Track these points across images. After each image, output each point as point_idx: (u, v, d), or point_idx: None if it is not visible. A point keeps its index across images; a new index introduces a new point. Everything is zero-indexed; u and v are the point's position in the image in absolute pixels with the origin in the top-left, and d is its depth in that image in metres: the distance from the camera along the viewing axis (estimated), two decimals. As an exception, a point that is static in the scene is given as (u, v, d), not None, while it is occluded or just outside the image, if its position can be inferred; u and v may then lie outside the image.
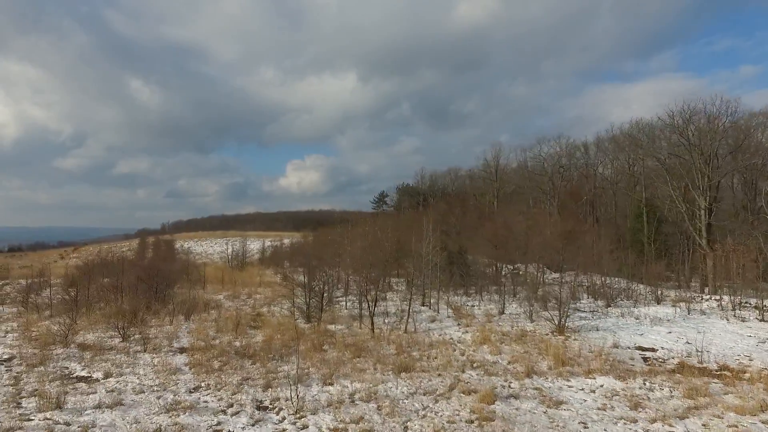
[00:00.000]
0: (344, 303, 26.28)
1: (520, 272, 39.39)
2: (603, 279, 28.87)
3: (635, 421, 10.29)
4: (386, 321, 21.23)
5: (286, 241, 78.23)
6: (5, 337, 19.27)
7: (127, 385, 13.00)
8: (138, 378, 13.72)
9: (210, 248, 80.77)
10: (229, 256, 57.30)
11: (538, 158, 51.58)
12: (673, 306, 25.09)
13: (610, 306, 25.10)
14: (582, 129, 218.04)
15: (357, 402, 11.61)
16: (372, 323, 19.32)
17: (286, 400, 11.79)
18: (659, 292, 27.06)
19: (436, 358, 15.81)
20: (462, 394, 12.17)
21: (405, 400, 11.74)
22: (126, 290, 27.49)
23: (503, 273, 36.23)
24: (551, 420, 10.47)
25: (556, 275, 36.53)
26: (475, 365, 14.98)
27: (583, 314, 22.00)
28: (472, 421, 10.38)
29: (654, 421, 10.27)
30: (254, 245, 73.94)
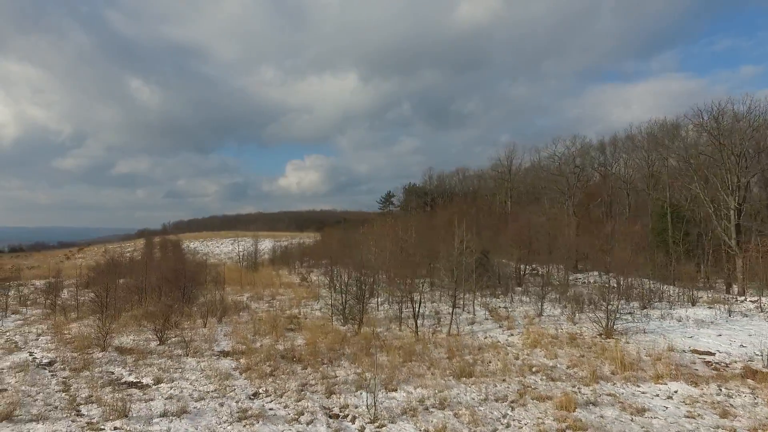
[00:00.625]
0: (375, 305, 25.79)
1: (539, 272, 39.06)
2: (632, 280, 28.48)
3: (734, 431, 9.86)
4: (423, 323, 20.78)
5: (293, 241, 77.75)
6: (38, 339, 18.74)
7: (182, 392, 12.52)
8: (191, 384, 13.23)
9: (216, 248, 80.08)
10: (240, 257, 56.61)
11: (553, 158, 51.23)
12: (709, 308, 24.70)
13: (645, 308, 24.70)
14: (583, 129, 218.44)
15: (431, 410, 11.15)
16: (416, 326, 18.85)
17: (356, 407, 11.34)
18: (693, 293, 26.68)
19: (490, 362, 15.35)
20: (535, 401, 11.73)
21: (480, 407, 11.28)
22: (149, 291, 27.03)
23: (523, 274, 35.87)
24: (644, 429, 10.03)
25: (580, 275, 36.17)
26: (534, 370, 14.52)
27: (623, 316, 21.52)
28: (563, 431, 9.93)
29: (754, 430, 9.85)
30: (261, 245, 73.24)
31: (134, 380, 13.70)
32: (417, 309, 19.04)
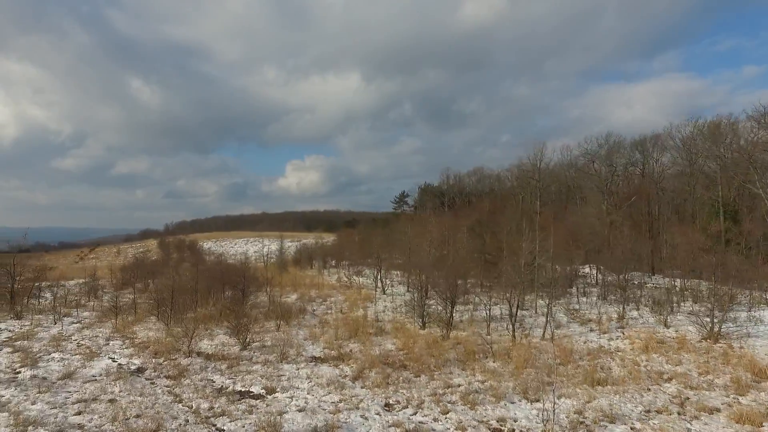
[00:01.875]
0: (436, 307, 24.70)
1: (579, 273, 38.13)
2: (698, 282, 27.58)
3: None
4: (507, 326, 19.76)
5: (305, 241, 76.64)
6: (109, 344, 17.60)
7: (308, 403, 11.49)
8: (309, 393, 12.19)
9: (231, 249, 78.82)
10: (265, 257, 55.37)
11: (586, 156, 50.34)
12: (788, 310, 23.81)
13: (724, 310, 23.73)
14: (584, 129, 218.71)
15: (602, 423, 10.12)
16: (513, 330, 17.82)
17: (515, 420, 10.32)
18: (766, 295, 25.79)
19: (611, 368, 14.36)
20: (703, 413, 10.73)
21: (652, 421, 10.27)
22: (201, 293, 25.87)
23: (574, 276, 34.91)
24: None
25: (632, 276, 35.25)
26: (665, 377, 13.53)
27: (707, 319, 20.57)
28: (777, 449, 8.95)
29: None
30: (275, 246, 72.04)
31: (243, 389, 12.63)
32: (515, 312, 17.99)
